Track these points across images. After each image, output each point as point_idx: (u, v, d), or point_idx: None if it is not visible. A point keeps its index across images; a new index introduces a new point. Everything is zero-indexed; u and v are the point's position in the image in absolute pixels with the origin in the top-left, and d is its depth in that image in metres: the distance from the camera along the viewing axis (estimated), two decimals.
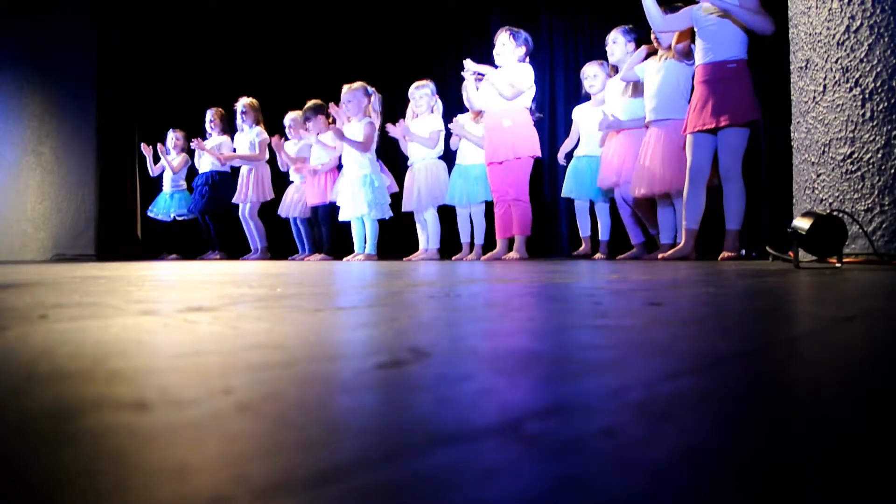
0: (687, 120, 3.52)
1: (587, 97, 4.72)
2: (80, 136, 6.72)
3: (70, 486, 0.23)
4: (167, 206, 6.50)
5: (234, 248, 6.24)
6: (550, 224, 5.80)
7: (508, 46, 4.33)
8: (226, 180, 6.18)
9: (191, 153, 6.58)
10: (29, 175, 6.44)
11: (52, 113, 6.53)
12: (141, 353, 0.53)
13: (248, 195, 5.93)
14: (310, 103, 5.53)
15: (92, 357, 0.49)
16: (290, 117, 5.86)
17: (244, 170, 6.01)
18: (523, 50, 4.35)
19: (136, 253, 6.72)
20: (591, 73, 4.61)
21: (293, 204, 5.79)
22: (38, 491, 0.23)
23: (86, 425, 0.31)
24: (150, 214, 6.59)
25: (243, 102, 5.97)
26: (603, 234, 4.65)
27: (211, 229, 6.23)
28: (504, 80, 4.27)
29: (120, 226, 6.95)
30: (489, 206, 4.71)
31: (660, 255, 3.68)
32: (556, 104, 5.81)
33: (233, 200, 6.03)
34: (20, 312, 0.85)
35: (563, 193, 4.78)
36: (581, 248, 4.73)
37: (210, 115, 6.22)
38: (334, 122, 5.27)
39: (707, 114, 3.38)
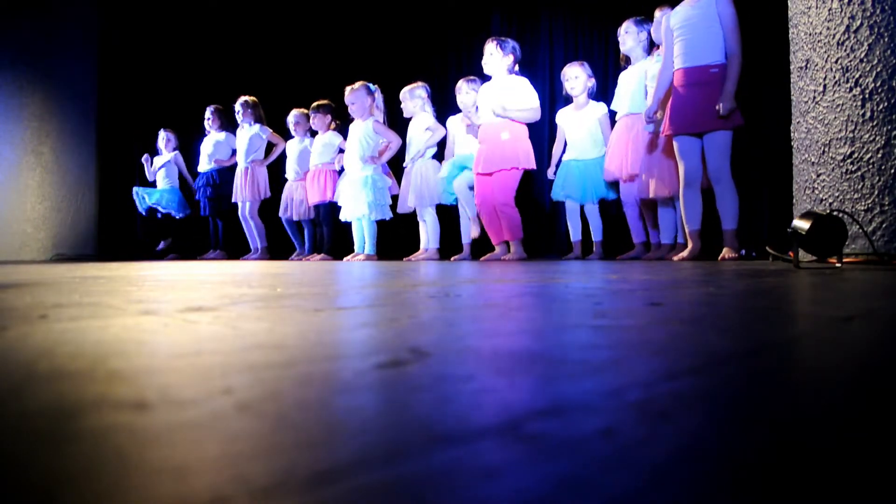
0: (665, 121, 3.52)
1: (569, 100, 4.69)
2: (80, 136, 6.72)
3: (70, 486, 0.23)
4: (154, 196, 6.42)
5: (235, 248, 6.24)
6: (551, 225, 5.79)
7: (496, 56, 4.29)
8: (226, 177, 6.17)
9: (182, 151, 6.58)
10: (29, 175, 6.44)
11: (52, 113, 6.53)
12: (141, 353, 0.53)
13: (244, 195, 5.92)
14: (315, 104, 5.55)
15: (92, 357, 0.49)
16: (294, 114, 5.83)
17: (240, 169, 5.99)
18: (511, 59, 4.29)
19: (136, 253, 6.72)
20: (571, 75, 4.55)
21: (294, 206, 5.77)
22: (38, 491, 0.23)
23: (86, 425, 0.31)
24: (136, 197, 6.43)
25: (240, 101, 5.97)
26: (595, 234, 4.62)
27: (219, 228, 6.23)
28: (515, 106, 4.21)
29: (120, 226, 6.95)
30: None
31: (675, 258, 3.66)
32: (555, 105, 5.81)
33: (232, 200, 6.02)
34: (20, 312, 0.85)
35: (553, 196, 4.77)
36: (571, 254, 4.71)
37: (209, 112, 6.22)
38: (337, 123, 5.29)
39: (692, 118, 3.38)
